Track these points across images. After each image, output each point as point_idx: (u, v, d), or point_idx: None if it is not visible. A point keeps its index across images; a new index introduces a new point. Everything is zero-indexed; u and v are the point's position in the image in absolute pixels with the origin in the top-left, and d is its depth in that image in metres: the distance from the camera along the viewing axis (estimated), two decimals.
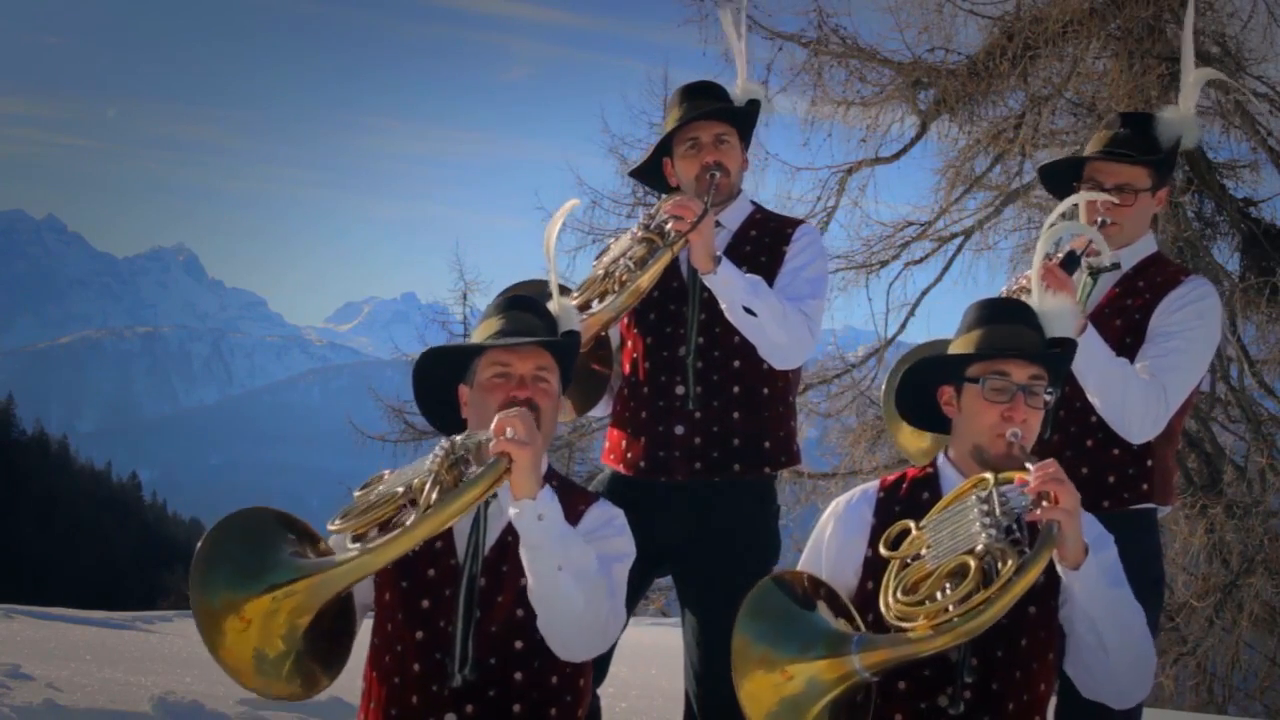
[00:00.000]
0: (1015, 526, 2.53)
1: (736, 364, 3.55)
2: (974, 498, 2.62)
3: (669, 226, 3.41)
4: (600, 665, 3.57)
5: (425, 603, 2.69)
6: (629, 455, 3.62)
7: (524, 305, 2.88)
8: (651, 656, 7.62)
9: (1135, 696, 2.65)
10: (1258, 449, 11.59)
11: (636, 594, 3.73)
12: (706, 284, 3.45)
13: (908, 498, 2.80)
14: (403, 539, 2.44)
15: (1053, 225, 3.10)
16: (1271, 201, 11.85)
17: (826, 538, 2.87)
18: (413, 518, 2.48)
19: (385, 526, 2.59)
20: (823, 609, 2.64)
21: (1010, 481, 2.61)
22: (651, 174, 3.80)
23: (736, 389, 3.55)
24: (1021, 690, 2.66)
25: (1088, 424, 3.43)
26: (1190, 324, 3.42)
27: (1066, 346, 2.82)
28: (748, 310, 3.40)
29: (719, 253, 3.44)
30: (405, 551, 2.48)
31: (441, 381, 2.86)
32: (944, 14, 11.92)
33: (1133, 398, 3.30)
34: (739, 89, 3.71)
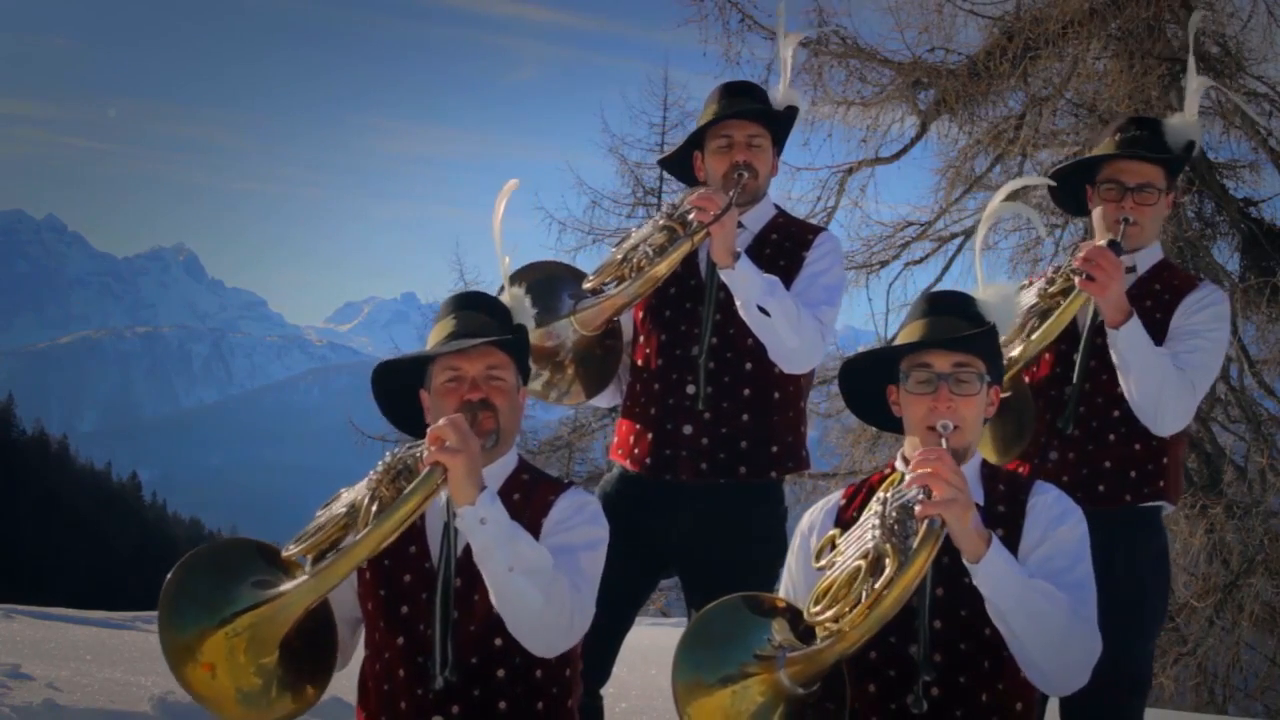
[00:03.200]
0: (910, 522, 2.51)
1: (749, 366, 3.54)
2: (876, 499, 2.63)
3: (691, 217, 3.41)
4: (603, 665, 3.57)
5: (404, 609, 2.71)
6: (636, 452, 3.61)
7: (473, 304, 2.88)
8: (651, 656, 7.61)
9: (1064, 685, 2.60)
10: (1258, 449, 11.58)
11: (643, 594, 3.74)
12: (724, 279, 3.44)
13: (864, 503, 2.78)
14: (344, 560, 2.48)
15: (995, 209, 3.14)
16: (1271, 201, 11.85)
17: (795, 555, 2.87)
18: (352, 537, 2.52)
19: (337, 546, 2.61)
20: (778, 625, 2.64)
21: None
22: (680, 166, 3.80)
23: (747, 391, 3.55)
24: (994, 680, 2.64)
25: (1110, 419, 3.47)
26: (1211, 325, 3.49)
27: (986, 330, 2.79)
28: (761, 310, 3.39)
29: (739, 249, 3.44)
30: (350, 571, 2.51)
31: (406, 389, 2.86)
32: (944, 14, 11.92)
33: (1169, 389, 3.36)
34: (780, 94, 3.71)
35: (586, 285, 3.56)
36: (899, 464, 2.81)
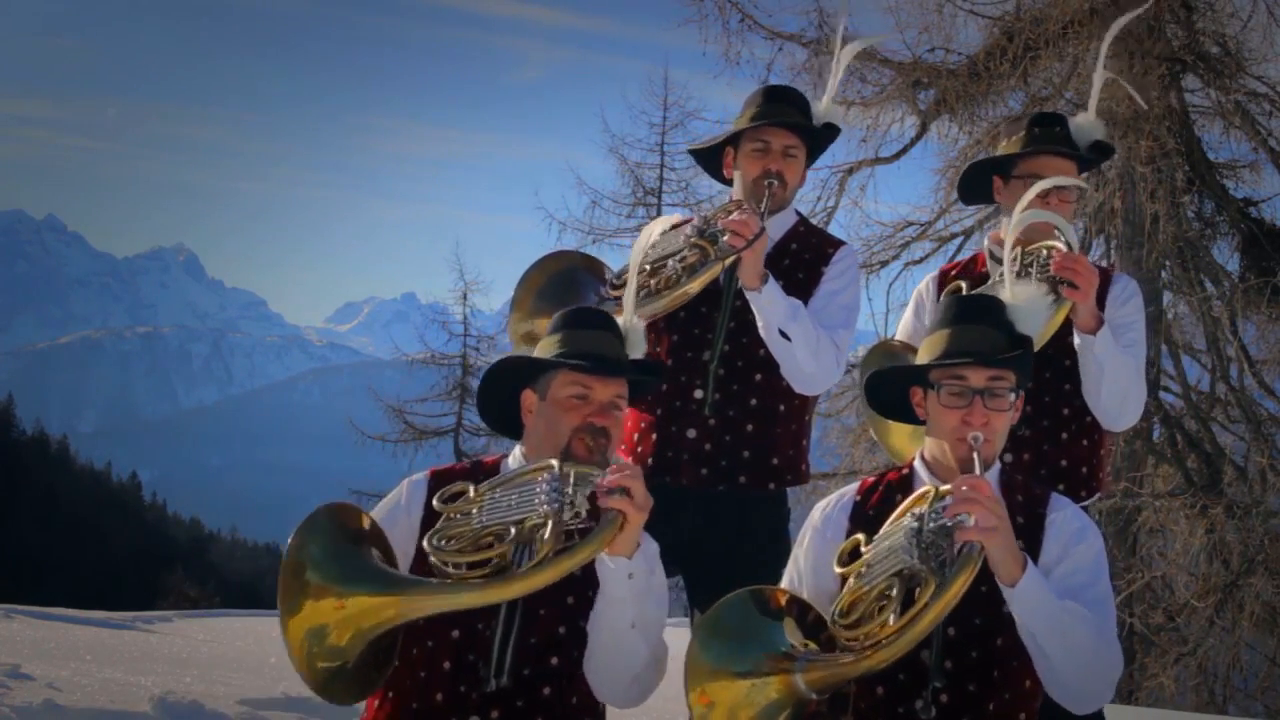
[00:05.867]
0: (946, 544, 2.51)
1: (758, 377, 3.53)
2: (910, 515, 2.61)
3: (724, 239, 3.39)
4: None
5: None
6: (639, 450, 3.61)
7: (598, 323, 2.83)
8: None
9: (1091, 703, 2.62)
10: (1258, 449, 11.59)
11: None
12: (749, 300, 3.44)
13: (882, 502, 2.78)
14: (519, 583, 2.48)
15: (1024, 211, 3.12)
16: (1271, 201, 11.88)
17: (804, 549, 2.85)
18: (530, 565, 2.49)
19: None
20: (788, 626, 2.63)
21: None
22: (708, 159, 3.79)
23: (754, 401, 3.54)
24: (1001, 690, 2.64)
25: (1060, 417, 3.50)
26: (1137, 315, 3.54)
27: (1026, 346, 2.78)
28: (783, 334, 3.39)
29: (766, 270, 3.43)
30: (523, 594, 2.52)
31: (509, 381, 2.84)
32: (944, 14, 11.93)
33: (1134, 387, 3.42)
34: (822, 106, 3.69)
35: (613, 293, 3.55)
36: (918, 464, 2.80)
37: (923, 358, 2.79)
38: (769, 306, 3.40)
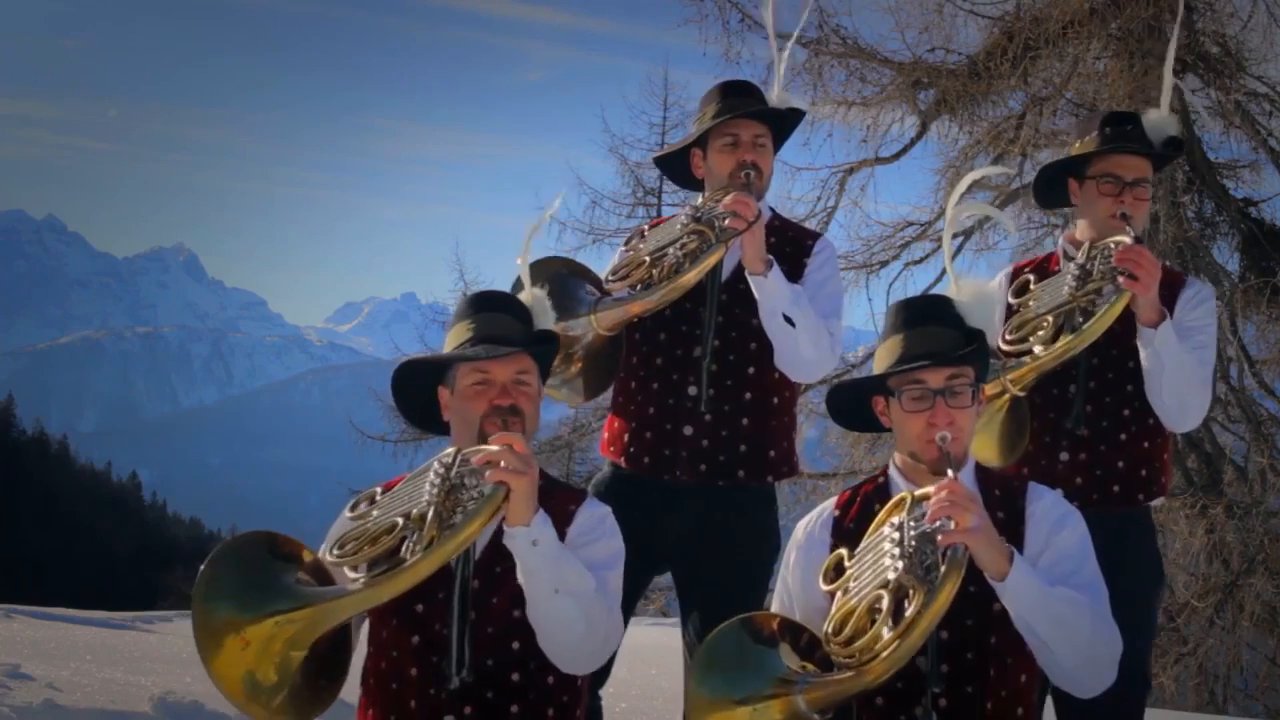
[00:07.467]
0: (930, 550, 2.50)
1: (751, 370, 3.53)
2: (889, 524, 2.60)
3: (725, 223, 3.36)
4: (602, 666, 3.57)
5: (419, 607, 2.68)
6: (632, 450, 3.59)
7: (497, 305, 2.85)
8: (651, 656, 7.62)
9: (1095, 687, 2.62)
10: (1258, 449, 11.58)
11: (635, 593, 3.72)
12: (753, 286, 3.41)
13: (861, 514, 2.78)
14: (406, 575, 2.44)
15: (958, 203, 3.04)
16: (1271, 201, 11.85)
17: (791, 569, 2.85)
18: (416, 554, 2.47)
19: (393, 554, 2.55)
20: (784, 650, 2.63)
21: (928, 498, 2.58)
22: (674, 165, 3.78)
23: (748, 395, 3.54)
24: (999, 686, 2.65)
25: (1120, 418, 3.48)
26: (1208, 320, 3.52)
27: (979, 341, 2.76)
28: (787, 319, 3.38)
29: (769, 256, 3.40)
30: (408, 587, 2.47)
31: (421, 383, 2.85)
32: (944, 14, 11.92)
33: (1197, 388, 3.39)
34: (775, 96, 3.69)
35: (611, 286, 3.53)
36: (892, 471, 2.80)
37: (879, 366, 2.78)
38: (774, 292, 3.38)
